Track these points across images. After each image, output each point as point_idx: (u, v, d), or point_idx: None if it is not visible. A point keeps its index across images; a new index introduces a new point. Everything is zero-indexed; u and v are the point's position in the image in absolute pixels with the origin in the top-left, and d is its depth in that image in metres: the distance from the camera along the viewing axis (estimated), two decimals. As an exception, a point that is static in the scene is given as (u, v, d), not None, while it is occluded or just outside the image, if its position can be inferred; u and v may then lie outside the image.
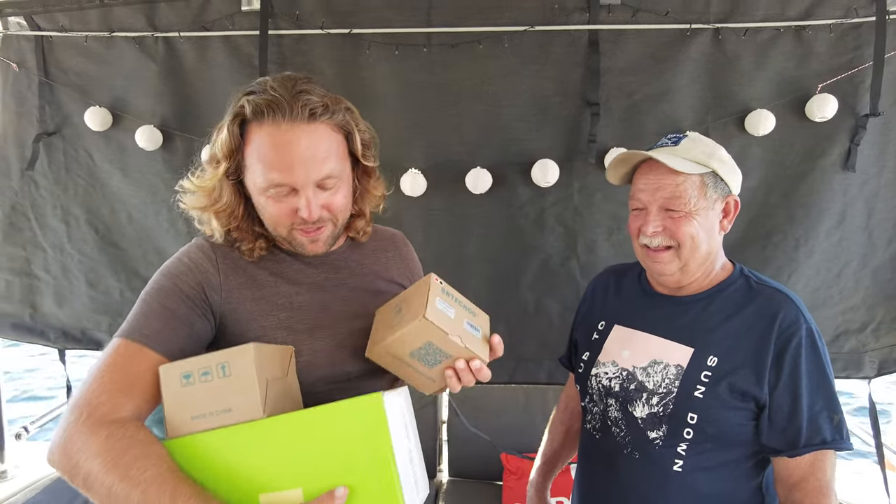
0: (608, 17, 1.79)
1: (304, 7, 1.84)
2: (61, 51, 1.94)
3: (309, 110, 0.85)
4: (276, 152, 0.85)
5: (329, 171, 0.88)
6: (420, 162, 1.87)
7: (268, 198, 0.89)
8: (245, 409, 0.77)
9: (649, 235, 1.05)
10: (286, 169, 0.85)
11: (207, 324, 0.90)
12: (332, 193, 0.90)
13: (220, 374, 0.78)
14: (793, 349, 0.98)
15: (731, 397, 1.00)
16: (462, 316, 0.89)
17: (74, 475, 0.74)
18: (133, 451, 0.73)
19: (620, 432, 1.10)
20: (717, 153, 1.05)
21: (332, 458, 0.76)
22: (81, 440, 0.74)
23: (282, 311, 0.93)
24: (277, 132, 0.85)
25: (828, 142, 1.78)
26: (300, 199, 0.87)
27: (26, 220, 2.05)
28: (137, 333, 0.83)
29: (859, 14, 1.71)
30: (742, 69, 1.78)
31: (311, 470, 0.76)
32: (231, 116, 0.88)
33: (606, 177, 1.17)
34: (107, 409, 0.76)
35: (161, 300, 0.87)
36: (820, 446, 0.97)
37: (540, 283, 1.95)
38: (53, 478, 2.08)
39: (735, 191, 1.08)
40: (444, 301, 0.87)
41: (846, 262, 1.85)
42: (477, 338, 0.88)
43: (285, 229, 0.91)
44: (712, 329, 1.05)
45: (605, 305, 1.23)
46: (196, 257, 0.92)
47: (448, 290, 0.91)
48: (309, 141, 0.85)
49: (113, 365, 0.80)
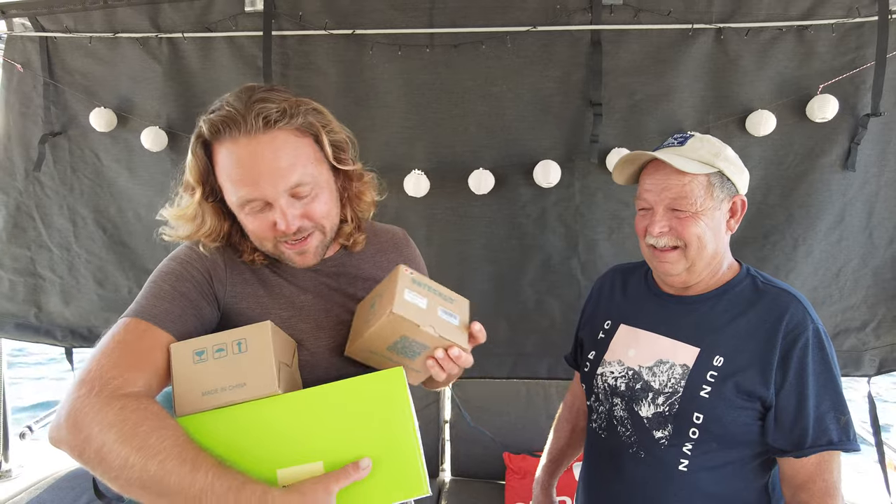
0: (610, 18, 1.80)
1: (307, 8, 1.84)
2: (66, 52, 1.95)
3: (263, 119, 0.82)
4: (240, 169, 0.83)
5: (298, 178, 0.85)
6: (423, 163, 1.87)
7: (246, 214, 0.88)
8: (260, 384, 0.78)
9: (656, 236, 1.06)
10: (252, 183, 0.83)
11: (213, 311, 0.90)
12: (308, 201, 0.87)
13: (235, 350, 0.80)
14: (799, 349, 0.98)
15: (737, 397, 1.00)
16: (436, 304, 0.87)
17: (85, 447, 0.71)
18: (149, 422, 0.72)
19: (626, 431, 1.11)
20: (723, 153, 1.05)
21: (354, 430, 0.77)
22: (94, 412, 0.72)
23: (284, 310, 0.94)
24: (237, 147, 0.83)
25: (828, 141, 1.79)
26: (275, 211, 0.85)
27: (31, 220, 2.06)
28: (147, 313, 0.83)
29: (861, 14, 1.71)
30: (744, 69, 1.78)
31: (332, 444, 0.77)
32: (193, 139, 0.87)
33: (613, 177, 1.18)
34: (119, 382, 0.75)
35: (171, 283, 0.87)
36: (826, 447, 0.97)
37: (541, 281, 1.96)
38: (57, 476, 2.09)
39: (742, 190, 1.08)
40: (414, 292, 0.86)
41: (846, 261, 1.86)
42: (453, 325, 0.87)
43: (270, 244, 0.90)
44: (718, 329, 1.05)
45: (610, 305, 1.24)
46: (206, 249, 0.94)
47: (419, 280, 0.89)
48: (269, 151, 0.83)
49: (122, 342, 0.80)
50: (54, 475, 2.10)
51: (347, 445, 0.77)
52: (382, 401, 0.78)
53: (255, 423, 0.77)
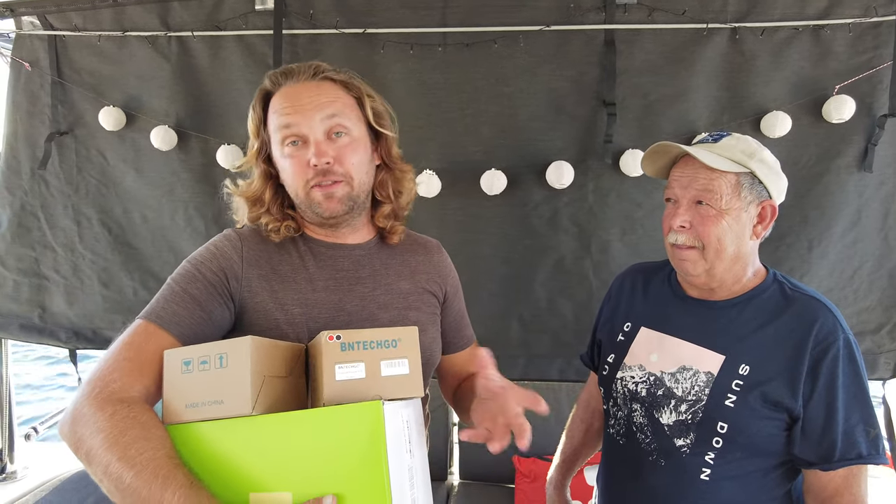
0: (624, 17, 1.79)
1: (318, 6, 1.84)
2: (74, 50, 1.94)
3: (314, 70, 0.95)
4: (286, 101, 0.94)
5: (334, 110, 0.93)
6: (435, 163, 1.86)
7: (285, 157, 0.94)
8: (235, 403, 0.75)
9: (675, 229, 1.04)
10: (294, 112, 0.92)
11: (227, 311, 0.91)
12: (342, 145, 0.94)
13: (217, 364, 0.77)
14: (829, 360, 0.96)
15: (763, 407, 0.98)
16: (376, 361, 0.79)
17: (78, 447, 0.75)
18: (133, 431, 0.73)
19: (646, 439, 1.09)
20: (759, 154, 1.02)
21: (324, 463, 0.72)
22: (89, 414, 0.75)
23: (296, 307, 0.93)
24: (288, 90, 0.95)
25: (844, 142, 1.78)
26: (310, 146, 0.92)
27: (36, 221, 2.05)
28: (156, 315, 0.85)
29: (878, 13, 1.70)
30: (759, 69, 1.77)
31: (302, 474, 0.73)
32: (255, 95, 0.98)
33: (641, 166, 1.15)
34: (117, 386, 0.78)
35: (183, 285, 0.89)
36: (855, 461, 0.95)
37: (553, 282, 1.95)
38: (63, 478, 2.07)
39: (776, 196, 1.04)
40: (346, 362, 0.78)
41: (861, 263, 1.84)
42: (402, 375, 0.80)
43: (303, 189, 0.94)
44: (745, 336, 1.02)
45: (631, 306, 1.21)
46: (222, 246, 0.95)
47: (350, 343, 0.80)
48: (314, 88, 0.94)
49: (130, 344, 0.83)
50: (60, 477, 2.08)
51: (317, 478, 0.72)
52: (355, 436, 0.72)
53: (230, 443, 0.75)
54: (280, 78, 0.95)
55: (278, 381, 0.81)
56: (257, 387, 0.76)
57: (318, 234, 1.01)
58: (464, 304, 1.18)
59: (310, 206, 0.95)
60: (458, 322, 1.14)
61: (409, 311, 1.02)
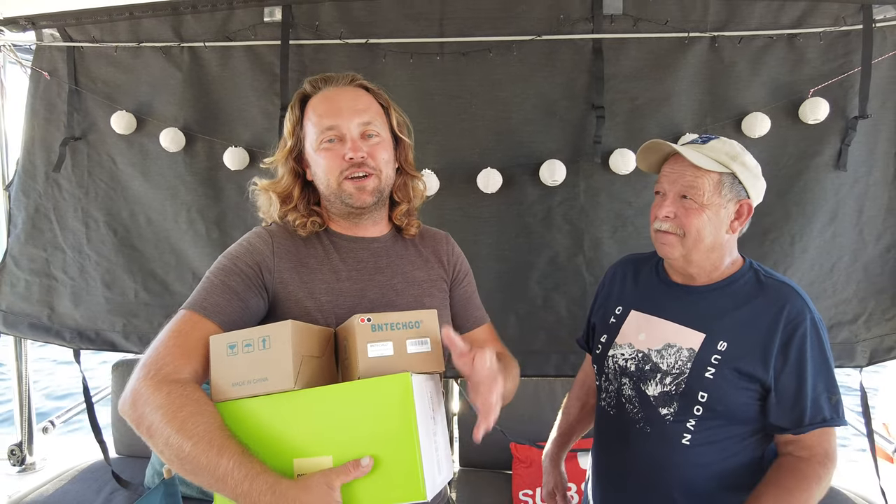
0: (611, 27, 1.89)
1: (323, 18, 1.92)
2: (91, 60, 2.02)
3: (350, 77, 1.08)
4: (326, 104, 1.05)
5: (369, 117, 1.04)
6: (433, 165, 1.94)
7: (321, 151, 1.03)
8: (279, 379, 0.85)
9: (661, 219, 1.15)
10: (334, 115, 1.03)
11: (261, 300, 1.00)
12: (374, 144, 1.04)
13: (261, 346, 0.86)
14: (799, 337, 1.08)
15: (738, 379, 1.10)
16: (403, 340, 0.89)
17: (139, 424, 0.84)
18: (188, 407, 0.82)
19: (634, 409, 1.20)
20: (741, 157, 1.14)
21: (360, 430, 0.83)
22: (147, 394, 0.84)
23: (323, 296, 1.02)
24: (327, 94, 1.06)
25: (820, 143, 1.87)
26: (347, 143, 1.02)
27: (48, 222, 2.12)
28: (199, 306, 0.94)
29: (848, 23, 1.81)
30: (738, 75, 1.87)
31: (340, 440, 0.83)
32: (294, 97, 1.09)
33: (636, 162, 1.27)
34: (169, 369, 0.87)
35: (222, 277, 0.98)
36: (821, 424, 1.08)
37: (548, 278, 2.02)
38: (80, 469, 2.15)
39: (754, 197, 1.16)
40: (377, 341, 0.88)
41: (838, 257, 1.93)
42: (425, 352, 0.89)
43: (336, 180, 1.03)
44: (723, 317, 1.14)
45: (622, 292, 1.32)
46: (254, 241, 1.04)
47: (379, 323, 0.89)
48: (351, 94, 1.06)
49: (178, 332, 0.92)
50: (76, 467, 2.16)
51: (354, 443, 0.83)
52: (387, 404, 0.82)
53: (275, 415, 0.85)
54: (320, 83, 1.07)
55: (314, 360, 0.91)
56: (297, 365, 0.86)
57: (340, 227, 1.10)
58: (474, 287, 1.27)
59: (340, 196, 1.04)
60: (465, 304, 1.23)
61: (424, 297, 1.11)
